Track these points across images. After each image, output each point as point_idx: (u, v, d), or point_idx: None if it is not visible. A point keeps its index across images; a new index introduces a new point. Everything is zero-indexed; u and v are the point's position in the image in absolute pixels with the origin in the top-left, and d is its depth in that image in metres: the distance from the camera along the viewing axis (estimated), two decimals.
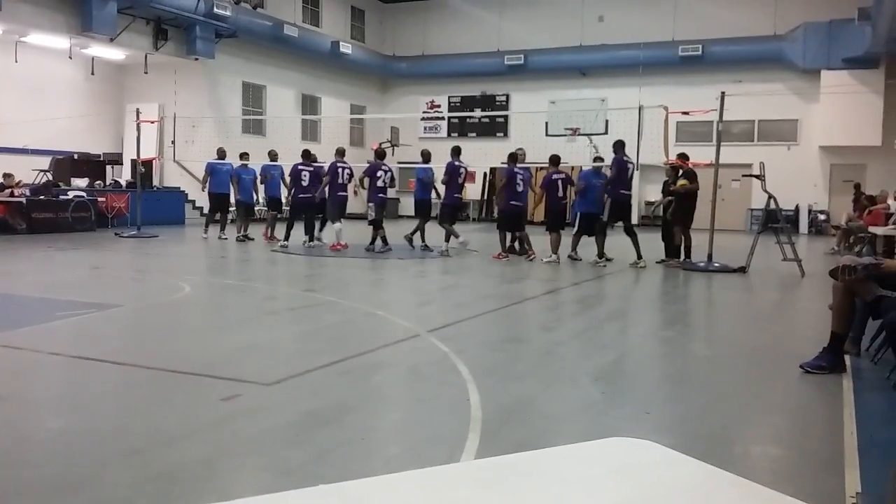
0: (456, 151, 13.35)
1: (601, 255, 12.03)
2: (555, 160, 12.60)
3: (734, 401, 4.57)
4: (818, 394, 4.72)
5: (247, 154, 15.72)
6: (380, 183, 13.20)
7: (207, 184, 15.29)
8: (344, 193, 13.64)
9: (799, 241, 12.43)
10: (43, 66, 19.34)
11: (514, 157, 13.03)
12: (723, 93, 11.42)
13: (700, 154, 18.25)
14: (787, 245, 11.10)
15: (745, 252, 11.53)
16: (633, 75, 24.35)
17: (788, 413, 4.37)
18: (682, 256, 12.03)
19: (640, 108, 12.60)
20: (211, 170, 15.32)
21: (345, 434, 3.69)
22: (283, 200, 15.71)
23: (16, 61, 18.43)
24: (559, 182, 12.42)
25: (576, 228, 12.57)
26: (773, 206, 11.15)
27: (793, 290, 10.08)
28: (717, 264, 11.23)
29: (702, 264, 11.35)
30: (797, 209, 22.41)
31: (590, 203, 12.35)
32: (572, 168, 17.18)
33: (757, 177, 10.96)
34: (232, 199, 15.75)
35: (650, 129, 12.70)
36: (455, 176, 13.08)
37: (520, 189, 12.59)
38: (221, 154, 15.62)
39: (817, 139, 22.47)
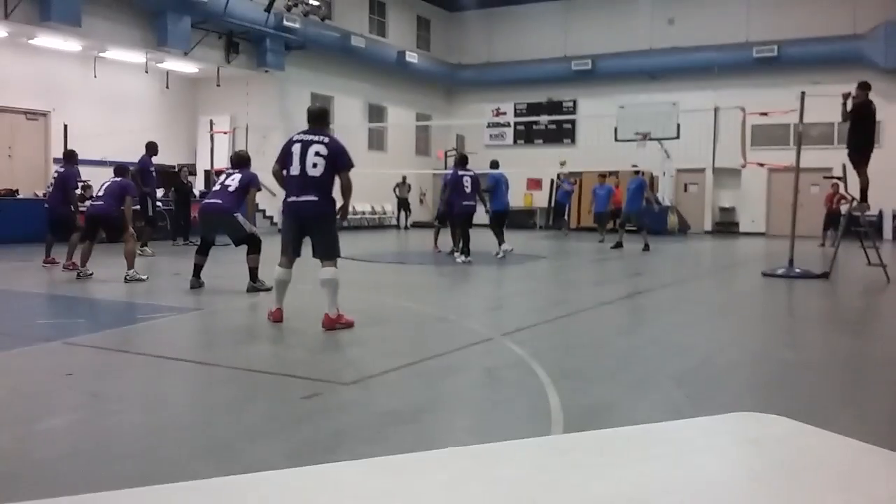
0: (460, 161, 13.05)
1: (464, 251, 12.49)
2: (463, 160, 12.91)
3: (829, 409, 4.36)
4: None
5: None
6: (467, 191, 12.79)
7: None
8: (470, 203, 12.74)
9: (883, 247, 11.91)
10: (120, 80, 19.99)
11: (463, 160, 13.04)
12: (803, 93, 11.02)
13: (777, 157, 17.79)
14: (872, 250, 10.66)
15: (826, 258, 11.11)
16: (705, 78, 23.84)
17: (889, 422, 4.15)
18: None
19: (716, 111, 12.28)
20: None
21: (424, 433, 3.66)
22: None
23: (95, 76, 19.11)
24: (466, 180, 12.51)
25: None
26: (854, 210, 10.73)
27: (879, 295, 9.66)
28: (798, 270, 10.83)
29: (782, 270, 10.96)
30: (881, 214, 21.55)
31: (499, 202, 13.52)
32: (642, 173, 16.92)
33: (840, 180, 10.54)
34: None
35: (725, 133, 12.38)
36: (460, 186, 12.69)
37: (468, 191, 12.53)
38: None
39: None
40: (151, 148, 13.87)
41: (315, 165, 6.18)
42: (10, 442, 3.45)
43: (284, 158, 6.32)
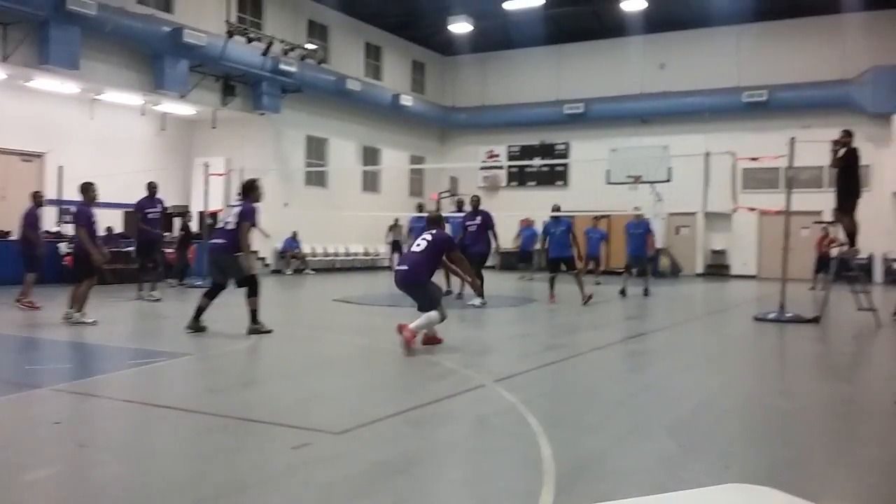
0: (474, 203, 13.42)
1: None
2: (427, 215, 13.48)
3: (818, 456, 4.35)
4: None
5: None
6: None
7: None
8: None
9: (873, 291, 11.97)
10: (116, 122, 20.15)
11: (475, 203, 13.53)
12: (793, 138, 11.17)
13: (767, 201, 17.95)
14: (862, 294, 10.71)
15: (817, 302, 11.15)
16: (696, 122, 24.13)
17: (879, 471, 4.13)
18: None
19: (707, 155, 12.42)
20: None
21: (416, 485, 3.63)
22: None
23: (91, 118, 19.26)
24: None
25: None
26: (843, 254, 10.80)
27: (870, 340, 9.67)
28: (789, 314, 10.86)
29: (773, 315, 10.99)
30: (871, 258, 21.68)
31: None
32: (639, 211, 17.01)
33: (830, 224, 10.63)
34: None
35: (716, 177, 12.50)
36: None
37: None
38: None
39: (890, 185, 21.78)
40: (151, 188, 13.80)
41: (418, 245, 8.07)
42: None
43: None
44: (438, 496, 3.54)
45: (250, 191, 9.06)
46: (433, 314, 7.81)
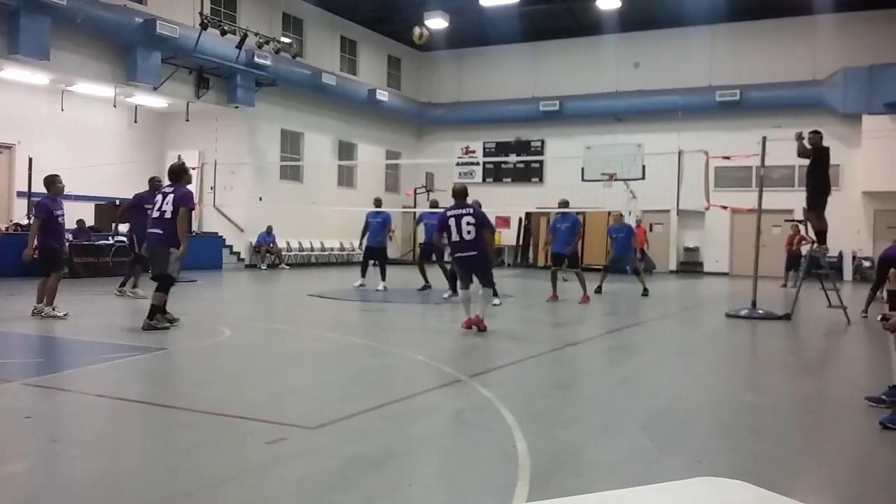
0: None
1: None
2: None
3: (788, 450, 4.42)
4: (878, 443, 4.55)
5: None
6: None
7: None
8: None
9: (843, 288, 12.17)
10: (87, 114, 19.85)
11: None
12: (764, 138, 11.32)
13: (740, 200, 18.13)
14: (832, 291, 10.88)
15: (788, 299, 11.31)
16: (669, 121, 24.33)
17: (846, 464, 4.21)
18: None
19: (680, 154, 12.53)
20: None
21: (391, 480, 3.63)
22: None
23: (62, 109, 18.96)
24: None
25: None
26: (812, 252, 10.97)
27: (839, 337, 9.83)
28: (761, 311, 11.01)
29: (745, 311, 11.13)
30: (840, 255, 22.03)
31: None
32: (609, 213, 17.13)
33: (801, 222, 10.79)
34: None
35: (690, 175, 12.61)
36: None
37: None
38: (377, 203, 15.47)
39: (860, 184, 22.16)
40: (153, 182, 13.22)
41: (469, 232, 8.72)
42: None
43: (443, 229, 8.90)
44: (414, 490, 3.54)
45: (181, 174, 8.71)
46: (490, 293, 9.07)
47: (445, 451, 4.29)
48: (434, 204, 15.23)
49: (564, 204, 13.54)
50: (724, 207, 14.04)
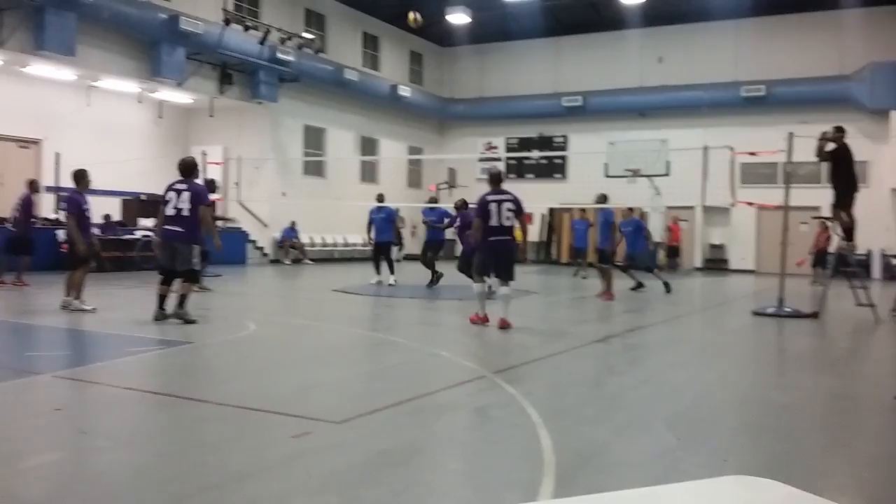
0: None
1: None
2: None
3: (816, 450, 4.37)
4: None
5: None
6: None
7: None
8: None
9: (872, 287, 12.00)
10: (113, 109, 20.05)
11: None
12: (791, 134, 11.18)
13: (766, 196, 17.97)
14: (861, 289, 10.73)
15: (816, 296, 11.17)
16: (694, 116, 24.12)
17: (875, 464, 4.15)
18: None
19: (706, 150, 12.41)
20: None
21: (416, 475, 3.63)
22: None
23: (88, 105, 19.17)
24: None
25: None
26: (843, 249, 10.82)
27: (868, 335, 9.70)
28: (788, 309, 10.89)
29: (772, 309, 11.01)
30: (869, 254, 21.72)
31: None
32: (631, 209, 17.00)
33: (829, 219, 10.64)
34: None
35: (715, 171, 12.50)
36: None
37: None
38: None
39: (888, 181, 21.83)
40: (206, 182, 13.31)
41: (508, 218, 8.77)
42: None
43: (484, 214, 8.75)
44: (439, 486, 3.54)
45: (193, 168, 8.90)
46: (511, 292, 8.98)
47: (470, 447, 4.29)
48: (433, 200, 15.74)
49: (603, 199, 13.63)
50: (750, 204, 13.95)
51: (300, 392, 5.39)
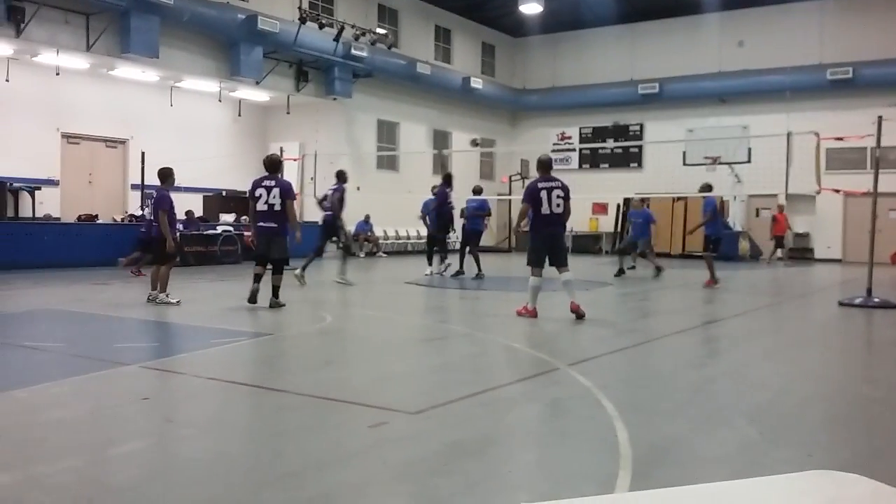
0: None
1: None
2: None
3: None
4: None
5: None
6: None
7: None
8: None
9: None
10: (194, 108, 20.69)
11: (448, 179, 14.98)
12: (880, 117, 10.70)
13: (854, 182, 17.27)
14: None
15: None
16: (777, 101, 23.30)
17: None
18: None
19: (789, 135, 11.99)
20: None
21: (491, 466, 3.64)
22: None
23: (171, 105, 19.82)
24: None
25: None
26: None
27: None
28: (877, 299, 10.45)
29: (860, 300, 10.58)
30: None
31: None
32: (642, 201, 16.88)
33: None
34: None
35: (799, 157, 12.06)
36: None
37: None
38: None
39: None
40: (340, 176, 14.00)
41: (558, 205, 8.64)
42: (86, 466, 3.57)
43: (533, 201, 8.63)
44: (513, 478, 3.54)
45: (278, 165, 9.63)
46: (572, 277, 8.89)
47: (544, 438, 4.27)
48: (477, 191, 16.02)
49: (706, 188, 13.98)
50: (837, 191, 13.42)
51: (376, 382, 5.47)
